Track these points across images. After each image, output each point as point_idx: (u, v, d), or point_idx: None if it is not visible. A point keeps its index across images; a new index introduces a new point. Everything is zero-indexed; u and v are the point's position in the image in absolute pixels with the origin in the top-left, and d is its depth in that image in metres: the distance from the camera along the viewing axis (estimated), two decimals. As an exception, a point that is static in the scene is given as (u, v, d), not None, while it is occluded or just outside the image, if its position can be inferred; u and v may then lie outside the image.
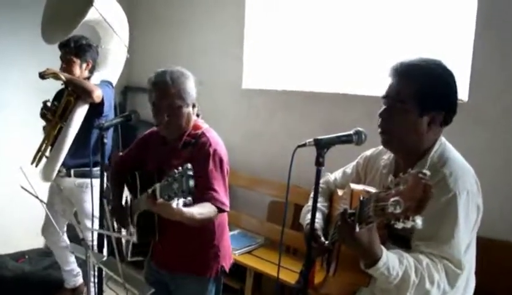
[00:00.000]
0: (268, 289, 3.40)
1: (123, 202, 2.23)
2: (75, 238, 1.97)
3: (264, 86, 3.80)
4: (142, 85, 4.80)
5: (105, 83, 3.11)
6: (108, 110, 3.05)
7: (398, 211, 1.07)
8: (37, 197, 1.55)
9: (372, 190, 1.39)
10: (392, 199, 1.08)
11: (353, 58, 3.30)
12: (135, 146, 2.23)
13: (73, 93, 2.98)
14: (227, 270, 2.13)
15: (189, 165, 1.49)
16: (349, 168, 1.76)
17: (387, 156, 1.59)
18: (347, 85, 3.32)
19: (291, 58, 3.67)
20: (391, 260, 1.28)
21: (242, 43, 3.86)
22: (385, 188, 1.17)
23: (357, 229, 1.23)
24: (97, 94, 2.91)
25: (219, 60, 4.02)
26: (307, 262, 1.50)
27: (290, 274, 2.68)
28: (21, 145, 3.36)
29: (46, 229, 3.25)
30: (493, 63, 2.60)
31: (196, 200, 1.72)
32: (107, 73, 3.26)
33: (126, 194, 2.23)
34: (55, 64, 3.06)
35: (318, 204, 1.68)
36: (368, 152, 1.70)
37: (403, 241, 1.40)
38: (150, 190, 1.66)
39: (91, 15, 2.89)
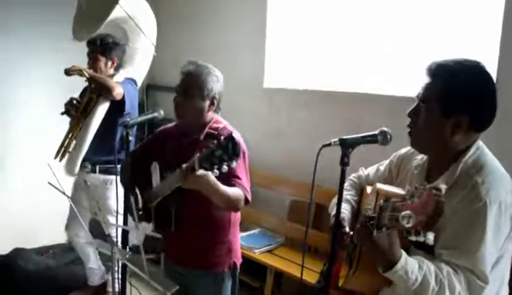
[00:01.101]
0: (288, 288, 3.40)
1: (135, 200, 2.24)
2: (98, 235, 2.00)
3: (285, 86, 3.79)
4: (163, 84, 4.86)
5: (129, 81, 3.16)
6: (131, 108, 3.08)
7: (409, 225, 1.07)
8: (64, 193, 1.58)
9: (399, 191, 1.38)
10: (403, 212, 1.08)
11: (375, 57, 3.27)
12: (153, 139, 2.27)
13: (96, 90, 3.04)
14: (238, 267, 2.17)
15: (234, 133, 1.57)
16: (383, 165, 1.74)
17: (420, 157, 1.55)
18: (368, 85, 3.29)
19: (312, 57, 3.65)
20: (410, 265, 1.26)
21: (264, 42, 3.86)
22: (401, 198, 1.16)
23: (375, 234, 1.22)
24: (118, 92, 2.96)
25: (241, 59, 4.03)
26: (330, 257, 1.47)
27: (310, 274, 2.65)
28: (45, 142, 3.42)
29: (70, 226, 3.30)
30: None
31: None
32: (133, 71, 3.30)
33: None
34: (79, 62, 3.10)
35: (348, 197, 1.68)
36: (403, 151, 1.67)
37: (427, 247, 1.34)
38: (185, 165, 1.71)
39: (118, 13, 2.94)
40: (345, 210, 1.60)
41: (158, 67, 4.75)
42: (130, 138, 1.91)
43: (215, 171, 1.61)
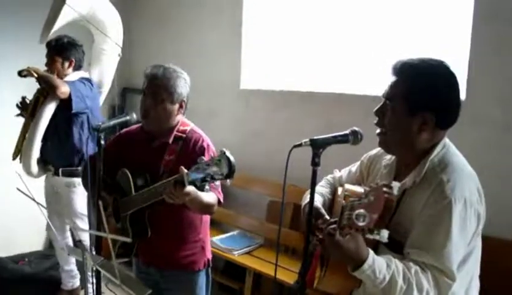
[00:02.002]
0: (267, 290, 3.40)
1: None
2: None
3: (262, 87, 3.80)
4: (140, 87, 4.78)
5: (83, 80, 3.15)
6: (83, 106, 3.07)
7: (364, 223, 1.08)
8: (33, 199, 1.55)
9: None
10: (357, 211, 1.09)
11: (351, 57, 3.30)
12: (117, 141, 2.21)
13: (43, 90, 3.06)
14: (211, 264, 2.20)
15: (224, 149, 1.54)
16: (354, 167, 1.75)
17: (389, 156, 1.56)
18: (344, 85, 3.31)
19: (288, 58, 3.67)
20: (377, 264, 1.26)
21: (240, 43, 3.86)
22: (359, 197, 1.17)
23: (337, 235, 1.23)
24: (63, 91, 2.95)
25: (217, 61, 4.02)
26: (305, 249, 1.45)
27: (289, 274, 2.68)
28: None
29: (50, 227, 3.26)
30: (490, 60, 2.59)
31: None
32: (98, 71, 3.36)
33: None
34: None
35: (323, 191, 1.69)
36: (373, 152, 1.68)
37: (397, 246, 1.37)
38: (171, 179, 1.69)
39: (71, 15, 3.02)
40: (317, 201, 1.59)
41: (135, 70, 4.72)
42: (101, 142, 1.87)
43: (206, 187, 1.60)
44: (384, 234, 1.06)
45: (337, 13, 3.35)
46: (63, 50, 3.11)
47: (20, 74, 2.99)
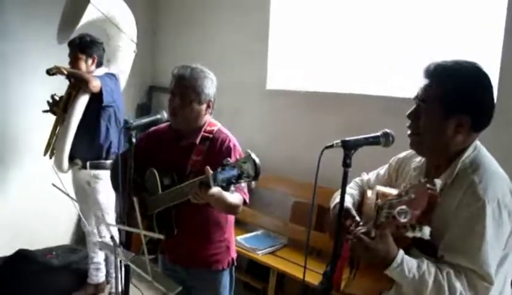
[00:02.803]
0: (291, 290, 3.40)
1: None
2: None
3: (287, 87, 3.80)
4: (166, 85, 4.83)
5: (109, 75, 3.27)
6: (111, 100, 3.19)
7: (405, 219, 1.08)
8: (67, 195, 1.58)
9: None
10: (399, 208, 1.09)
11: (378, 59, 3.27)
12: (146, 140, 2.22)
13: (75, 85, 3.16)
14: (235, 263, 2.22)
15: (250, 151, 1.55)
16: (382, 170, 1.73)
17: (419, 159, 1.54)
18: (370, 87, 3.29)
19: (314, 59, 3.66)
20: (407, 263, 1.27)
21: (267, 44, 3.87)
22: (397, 196, 1.16)
23: (373, 234, 1.24)
24: (95, 85, 3.07)
25: (244, 61, 4.04)
26: (334, 250, 1.44)
27: (313, 275, 2.66)
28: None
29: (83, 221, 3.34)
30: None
31: None
32: (116, 68, 3.46)
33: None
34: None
35: (353, 191, 1.69)
36: (402, 154, 1.67)
37: (430, 248, 1.35)
38: (197, 180, 1.71)
39: (94, 14, 3.11)
40: (348, 202, 1.59)
41: (162, 69, 4.79)
42: (133, 140, 1.89)
43: (232, 188, 1.62)
44: (426, 231, 1.06)
45: (365, 15, 3.32)
46: (86, 48, 3.21)
47: (49, 72, 3.07)
